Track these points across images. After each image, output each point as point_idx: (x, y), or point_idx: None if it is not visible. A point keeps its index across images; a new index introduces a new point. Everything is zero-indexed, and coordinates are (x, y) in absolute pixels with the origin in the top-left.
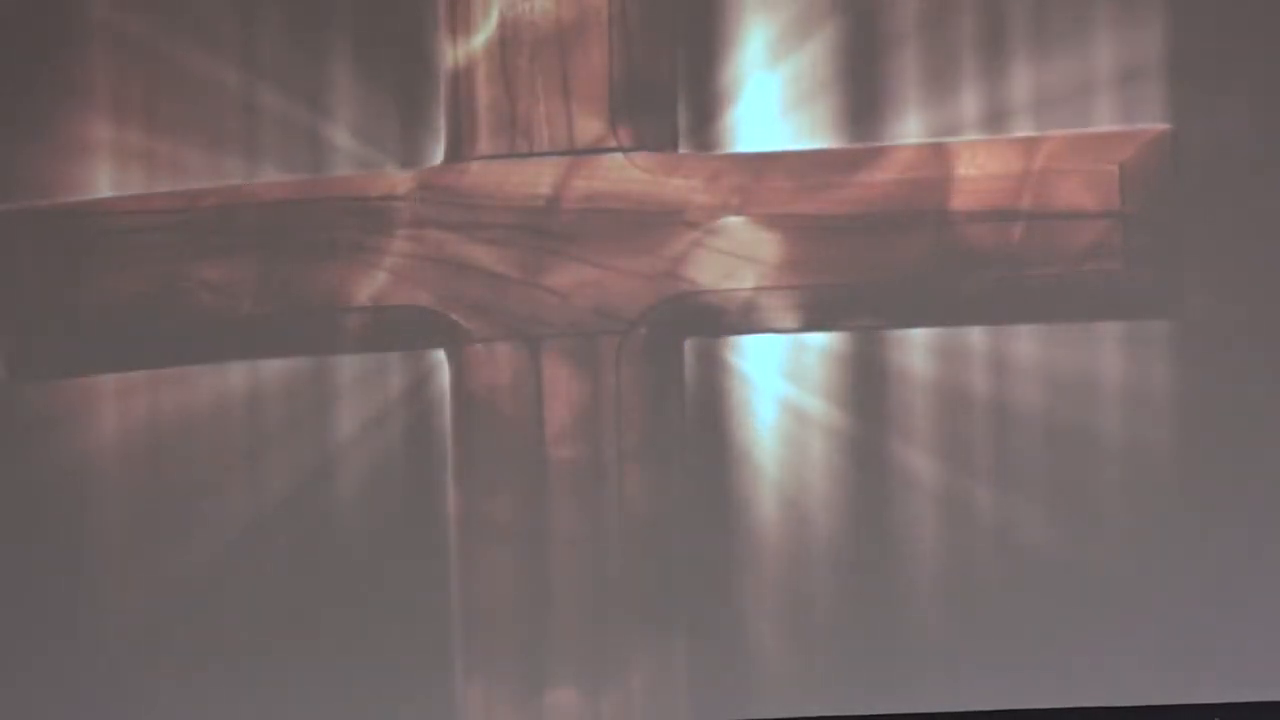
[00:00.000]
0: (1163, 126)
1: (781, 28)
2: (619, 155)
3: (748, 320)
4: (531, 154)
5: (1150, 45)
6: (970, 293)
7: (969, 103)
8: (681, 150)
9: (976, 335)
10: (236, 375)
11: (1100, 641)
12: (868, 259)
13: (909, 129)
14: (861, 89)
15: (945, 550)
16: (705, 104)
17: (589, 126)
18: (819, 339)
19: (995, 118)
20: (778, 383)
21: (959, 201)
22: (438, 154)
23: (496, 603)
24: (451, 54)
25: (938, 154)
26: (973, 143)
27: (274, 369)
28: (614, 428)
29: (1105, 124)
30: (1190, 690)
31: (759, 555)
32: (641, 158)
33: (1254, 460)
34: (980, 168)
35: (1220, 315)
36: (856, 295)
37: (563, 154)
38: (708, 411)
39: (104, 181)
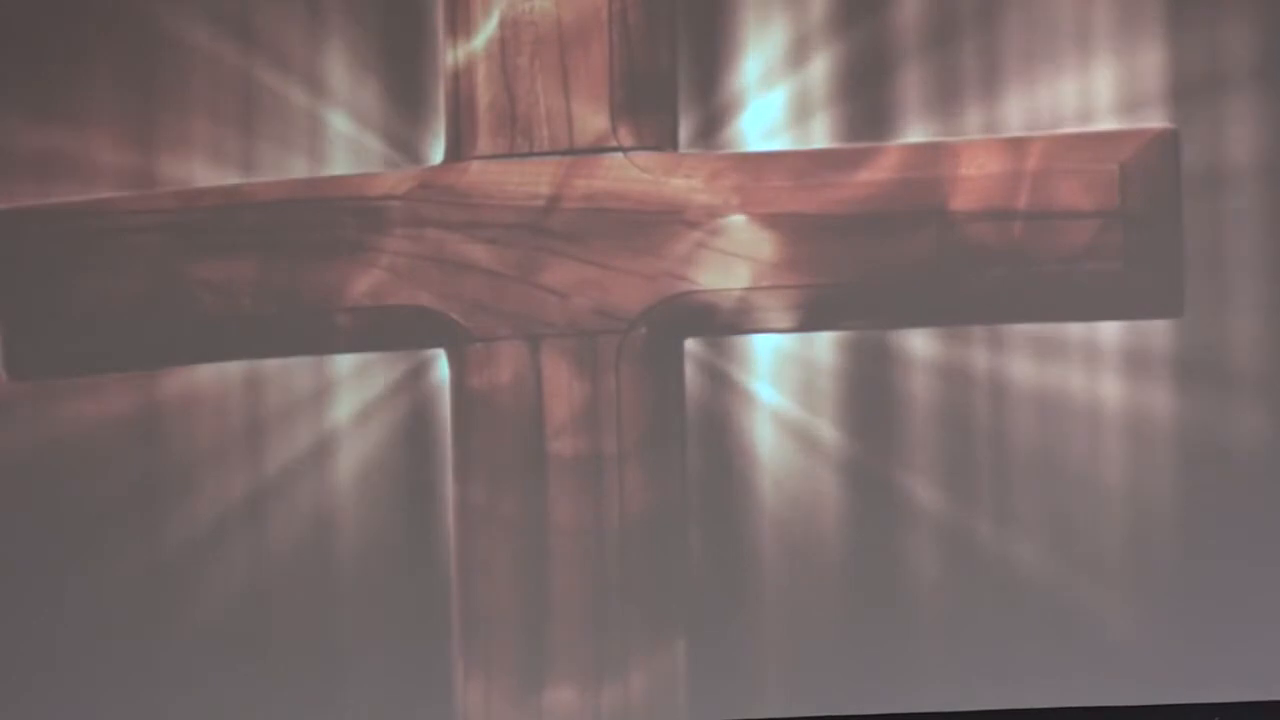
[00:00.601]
0: (1163, 126)
1: (783, 25)
2: (619, 155)
3: (748, 320)
4: (531, 153)
5: (1151, 45)
6: (971, 292)
7: (971, 104)
8: (682, 149)
9: (977, 335)
10: (236, 375)
11: (1100, 642)
12: (868, 259)
13: (912, 126)
14: (864, 89)
15: (946, 548)
16: (706, 103)
17: (589, 126)
18: (818, 338)
19: (997, 119)
20: (777, 382)
21: (959, 201)
22: (438, 154)
23: (496, 602)
24: (451, 54)
25: (938, 154)
26: (973, 142)
27: (274, 368)
28: (614, 427)
29: (1105, 124)
30: (1190, 690)
31: (759, 555)
32: (642, 157)
33: (1254, 459)
34: (980, 167)
35: (1220, 316)
36: (856, 295)
37: (563, 153)
38: (708, 411)
39: (102, 180)
